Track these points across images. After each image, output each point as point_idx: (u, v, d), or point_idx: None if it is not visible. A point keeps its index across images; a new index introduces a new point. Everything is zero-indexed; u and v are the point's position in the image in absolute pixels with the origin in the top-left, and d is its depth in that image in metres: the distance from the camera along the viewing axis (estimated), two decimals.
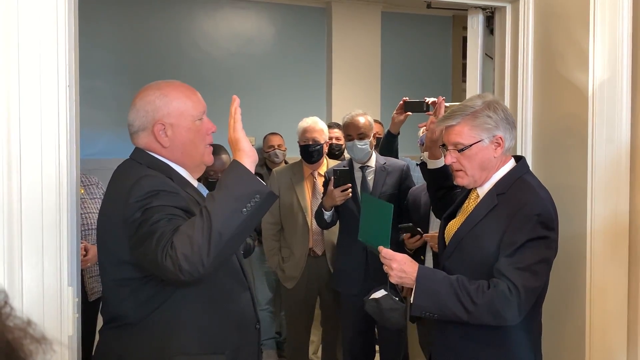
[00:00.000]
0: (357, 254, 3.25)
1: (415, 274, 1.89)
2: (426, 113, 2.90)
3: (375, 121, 3.90)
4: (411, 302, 1.90)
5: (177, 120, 1.73)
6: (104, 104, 5.00)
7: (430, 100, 2.85)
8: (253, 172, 1.61)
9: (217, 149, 3.33)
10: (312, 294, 3.66)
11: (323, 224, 3.37)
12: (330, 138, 4.01)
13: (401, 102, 3.14)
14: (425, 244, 2.98)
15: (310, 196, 3.61)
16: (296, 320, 3.72)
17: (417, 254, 3.00)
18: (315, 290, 3.64)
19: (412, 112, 3.11)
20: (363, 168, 3.36)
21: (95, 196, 3.10)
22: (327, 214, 3.29)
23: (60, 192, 1.80)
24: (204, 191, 1.84)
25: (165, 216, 1.55)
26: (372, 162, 3.37)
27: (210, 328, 1.69)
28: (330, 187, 3.22)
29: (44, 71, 1.78)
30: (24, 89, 1.76)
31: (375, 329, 3.50)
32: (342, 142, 3.99)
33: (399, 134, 3.44)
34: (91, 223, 2.94)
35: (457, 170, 2.01)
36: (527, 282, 1.81)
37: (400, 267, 1.92)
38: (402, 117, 3.24)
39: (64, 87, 1.81)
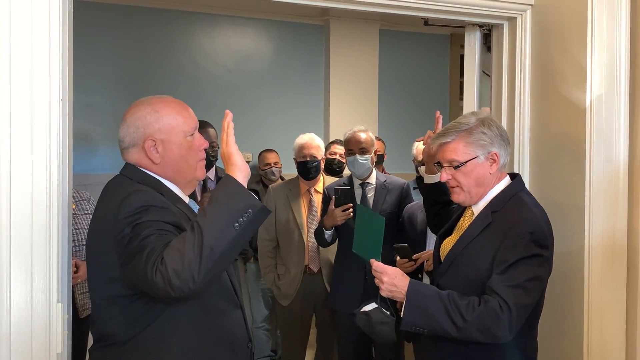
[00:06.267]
0: (356, 272, 3.21)
1: (406, 288, 1.87)
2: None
3: (376, 138, 3.89)
4: (401, 316, 1.88)
5: (168, 136, 1.70)
6: (101, 119, 5.00)
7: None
8: (246, 187, 1.59)
9: (202, 124, 3.30)
10: (307, 312, 3.62)
11: (323, 243, 3.33)
12: (335, 153, 4.02)
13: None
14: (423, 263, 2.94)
15: (306, 213, 3.58)
16: (292, 339, 3.68)
17: (416, 272, 2.97)
18: (311, 308, 3.60)
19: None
20: (363, 185, 3.34)
21: (86, 212, 3.08)
22: (328, 234, 3.25)
23: (50, 207, 1.77)
24: (195, 207, 1.81)
25: (155, 231, 1.52)
26: (373, 180, 3.35)
27: (201, 347, 1.65)
28: (331, 206, 3.18)
29: (36, 84, 1.76)
30: (15, 102, 1.74)
31: (373, 349, 3.45)
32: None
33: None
34: (82, 239, 2.92)
35: (453, 187, 2.00)
36: (519, 299, 1.79)
37: (391, 280, 1.89)
38: None
39: (57, 101, 1.79)
